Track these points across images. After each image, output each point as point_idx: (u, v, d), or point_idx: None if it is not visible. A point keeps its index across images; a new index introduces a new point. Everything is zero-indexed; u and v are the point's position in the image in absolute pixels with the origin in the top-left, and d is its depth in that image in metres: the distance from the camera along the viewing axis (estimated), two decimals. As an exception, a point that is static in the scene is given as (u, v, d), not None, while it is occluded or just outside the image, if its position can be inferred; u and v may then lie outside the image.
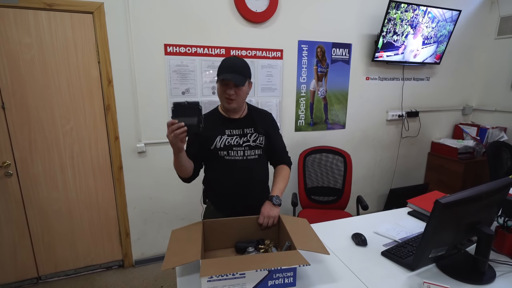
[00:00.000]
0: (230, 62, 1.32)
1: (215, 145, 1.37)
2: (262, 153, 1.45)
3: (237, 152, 1.39)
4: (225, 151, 1.38)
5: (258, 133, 1.43)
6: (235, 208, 1.43)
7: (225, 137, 1.38)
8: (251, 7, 2.29)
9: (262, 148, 1.44)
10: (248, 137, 1.42)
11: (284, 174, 1.49)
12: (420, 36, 2.80)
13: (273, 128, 1.52)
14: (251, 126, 1.43)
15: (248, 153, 1.41)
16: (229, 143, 1.38)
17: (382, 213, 1.73)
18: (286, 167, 1.53)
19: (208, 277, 0.89)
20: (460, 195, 1.06)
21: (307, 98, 2.70)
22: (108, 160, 2.23)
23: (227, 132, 1.39)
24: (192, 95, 2.31)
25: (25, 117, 1.98)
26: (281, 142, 1.56)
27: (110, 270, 2.40)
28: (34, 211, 2.12)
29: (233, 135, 1.40)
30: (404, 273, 1.16)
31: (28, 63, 1.92)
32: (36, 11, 1.87)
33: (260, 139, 1.44)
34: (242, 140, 1.40)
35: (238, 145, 1.39)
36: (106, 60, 2.06)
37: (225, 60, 1.34)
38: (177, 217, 2.50)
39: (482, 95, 3.43)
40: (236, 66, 1.31)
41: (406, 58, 2.85)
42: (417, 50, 2.85)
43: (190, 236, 1.17)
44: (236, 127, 1.41)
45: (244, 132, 1.42)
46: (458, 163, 3.04)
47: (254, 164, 1.43)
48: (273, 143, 1.50)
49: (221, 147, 1.37)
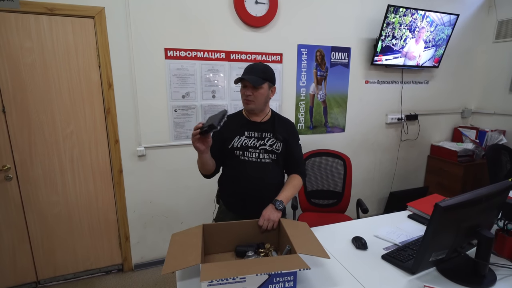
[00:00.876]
0: (251, 66, 1.41)
1: (232, 144, 1.43)
2: (277, 158, 1.47)
3: (252, 153, 1.44)
4: (241, 151, 1.43)
5: (276, 139, 1.46)
6: (246, 209, 1.45)
7: (243, 138, 1.44)
8: (251, 12, 2.31)
9: (278, 154, 1.46)
10: (266, 141, 1.45)
11: (294, 183, 1.49)
12: (422, 41, 2.82)
13: (293, 137, 1.53)
14: (271, 131, 1.47)
15: (262, 156, 1.44)
16: (246, 144, 1.44)
17: (382, 216, 1.73)
18: (299, 177, 1.53)
19: (208, 281, 0.89)
20: (460, 199, 1.07)
21: (306, 101, 2.71)
22: (108, 164, 2.23)
23: (246, 133, 1.45)
24: (192, 99, 2.32)
25: (26, 120, 1.98)
26: (299, 152, 1.56)
27: (110, 274, 2.39)
28: (33, 215, 2.11)
29: (251, 137, 1.45)
30: (405, 277, 1.16)
31: (29, 67, 1.93)
32: (37, 15, 1.88)
33: (277, 145, 1.46)
34: (259, 143, 1.45)
35: (254, 147, 1.44)
36: (106, 64, 2.07)
37: (249, 64, 1.43)
38: (177, 221, 2.49)
39: (481, 98, 3.44)
40: (255, 68, 1.39)
41: (407, 61, 2.86)
42: (419, 56, 2.88)
43: (190, 240, 1.17)
44: (256, 130, 1.46)
45: (263, 135, 1.46)
46: (458, 166, 3.05)
47: (267, 167, 1.45)
48: (291, 151, 1.51)
49: (238, 147, 1.43)
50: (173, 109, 2.29)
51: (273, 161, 1.47)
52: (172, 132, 2.32)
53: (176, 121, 2.32)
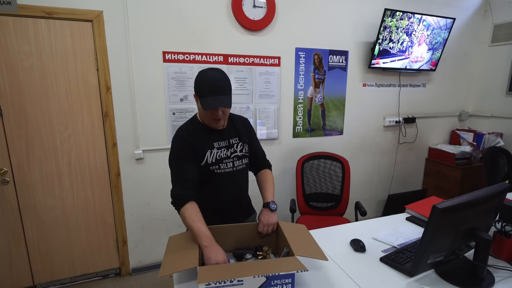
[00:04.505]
0: (213, 82, 1.18)
1: (206, 161, 1.30)
2: (248, 161, 1.45)
3: (227, 164, 1.35)
4: (216, 165, 1.32)
5: (243, 142, 1.41)
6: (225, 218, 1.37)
7: (214, 150, 1.32)
8: (249, 15, 2.32)
9: (247, 156, 1.44)
10: (235, 148, 1.38)
11: (270, 178, 1.49)
12: (424, 44, 2.84)
13: (253, 134, 1.50)
14: (235, 135, 1.40)
15: (237, 163, 1.38)
16: (220, 157, 1.33)
17: (380, 219, 1.73)
18: (270, 171, 1.53)
19: (205, 283, 0.88)
20: (458, 200, 1.07)
21: (304, 104, 2.72)
22: (105, 167, 2.23)
23: (216, 145, 1.33)
24: (190, 102, 2.32)
25: (23, 124, 1.98)
26: (260, 147, 1.55)
27: (107, 279, 2.37)
28: (30, 219, 2.10)
29: (221, 147, 1.34)
30: (403, 279, 1.15)
31: (27, 70, 1.93)
32: (35, 19, 1.89)
33: (245, 148, 1.42)
34: (230, 151, 1.36)
35: (226, 157, 1.35)
36: (104, 67, 2.07)
37: (205, 78, 1.20)
38: (175, 224, 2.48)
39: (478, 101, 3.47)
40: (222, 86, 1.19)
41: (404, 65, 2.88)
42: (421, 57, 2.90)
43: (188, 242, 1.16)
44: (222, 138, 1.35)
45: (230, 142, 1.37)
46: (456, 168, 3.06)
47: (243, 174, 1.43)
48: (255, 149, 1.50)
49: (213, 161, 1.31)
50: (171, 112, 2.30)
51: (246, 165, 1.44)
52: (170, 135, 2.32)
53: (174, 124, 2.32)
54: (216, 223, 1.31)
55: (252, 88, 2.49)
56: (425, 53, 2.91)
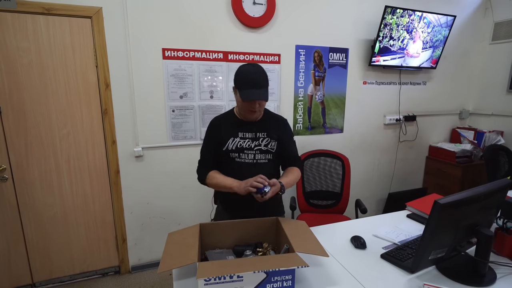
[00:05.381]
0: (255, 77, 1.28)
1: (227, 147, 1.40)
2: (273, 158, 1.45)
3: (247, 155, 1.40)
4: (236, 153, 1.40)
5: (270, 138, 1.44)
6: (242, 210, 1.43)
7: (237, 139, 1.40)
8: (249, 12, 2.31)
9: (273, 153, 1.44)
10: (260, 141, 1.42)
11: (293, 171, 1.47)
12: (419, 40, 2.83)
13: (287, 134, 1.51)
14: (264, 130, 1.44)
15: (258, 156, 1.42)
16: (241, 146, 1.40)
17: (381, 216, 1.72)
18: (297, 168, 1.52)
19: (205, 278, 0.87)
20: (459, 196, 1.06)
21: (304, 102, 2.71)
22: (105, 165, 2.22)
23: (240, 134, 1.41)
24: (190, 99, 2.31)
25: (22, 121, 1.97)
26: (294, 148, 1.55)
27: (106, 277, 2.36)
28: (29, 216, 2.09)
29: (246, 138, 1.41)
30: (404, 276, 1.14)
31: (25, 67, 1.92)
32: (34, 15, 1.88)
33: (272, 144, 1.44)
34: (254, 143, 1.41)
35: (249, 148, 1.41)
36: (104, 64, 2.06)
37: (245, 71, 1.31)
38: (175, 222, 2.47)
39: (478, 99, 3.46)
40: (261, 80, 1.29)
41: (405, 62, 2.87)
42: (416, 53, 2.88)
43: (187, 239, 1.15)
44: (249, 130, 1.42)
45: (257, 136, 1.43)
46: (456, 167, 3.05)
47: (264, 168, 1.42)
48: (286, 148, 1.49)
49: (233, 149, 1.40)
50: (171, 110, 2.29)
51: (269, 161, 1.44)
52: (169, 132, 2.31)
53: (174, 121, 2.31)
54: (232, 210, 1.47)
55: (252, 85, 2.47)
56: (421, 50, 2.89)
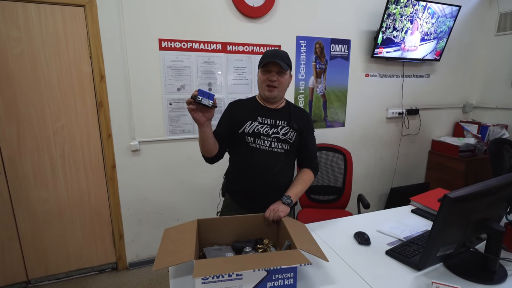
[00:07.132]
0: (273, 52, 1.33)
1: (243, 129, 1.35)
2: (290, 149, 1.39)
3: (263, 141, 1.35)
4: (252, 137, 1.35)
5: (290, 128, 1.38)
6: (252, 201, 1.38)
7: (255, 123, 1.36)
8: (248, 2, 2.24)
9: (291, 144, 1.38)
10: (279, 129, 1.37)
11: (304, 179, 1.42)
12: (417, 32, 2.75)
13: (309, 128, 1.45)
14: (285, 119, 1.39)
15: (275, 145, 1.36)
16: (258, 131, 1.35)
17: (384, 211, 1.68)
18: (310, 172, 1.45)
19: (202, 277, 0.82)
20: (470, 189, 1.01)
21: (305, 95, 2.64)
22: (100, 159, 2.16)
23: (259, 119, 1.36)
24: (188, 91, 2.25)
25: (14, 114, 1.90)
26: (313, 144, 1.48)
27: (103, 273, 2.32)
28: (23, 212, 2.03)
29: (264, 124, 1.36)
30: (410, 273, 1.10)
31: (17, 57, 1.85)
32: (25, 3, 1.80)
33: (290, 134, 1.38)
34: (272, 130, 1.36)
35: (266, 134, 1.36)
36: (98, 55, 1.99)
37: (267, 51, 1.36)
38: (172, 217, 2.42)
39: (482, 92, 3.39)
40: (280, 54, 1.32)
41: (408, 54, 2.79)
42: (414, 46, 2.80)
43: (184, 235, 1.10)
44: (270, 117, 1.37)
45: (276, 123, 1.38)
46: (460, 161, 2.99)
47: (278, 157, 1.37)
48: (304, 142, 1.44)
49: (249, 132, 1.35)
50: (168, 102, 2.22)
51: (285, 151, 1.38)
52: (167, 126, 2.25)
53: (171, 114, 2.24)
54: (242, 200, 1.42)
55: (252, 77, 2.41)
56: (418, 42, 2.81)
